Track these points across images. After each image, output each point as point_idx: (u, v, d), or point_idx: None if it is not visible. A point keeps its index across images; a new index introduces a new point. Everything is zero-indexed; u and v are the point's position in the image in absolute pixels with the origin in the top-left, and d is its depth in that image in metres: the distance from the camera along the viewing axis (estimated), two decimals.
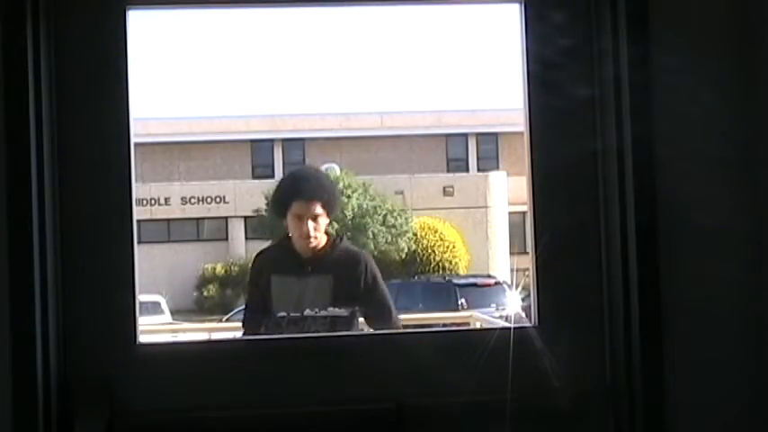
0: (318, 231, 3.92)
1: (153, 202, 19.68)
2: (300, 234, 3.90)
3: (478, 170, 23.32)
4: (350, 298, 3.90)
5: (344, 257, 4.01)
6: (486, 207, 22.09)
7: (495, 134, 23.25)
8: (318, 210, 3.91)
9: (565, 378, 1.96)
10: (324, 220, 3.94)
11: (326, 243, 3.97)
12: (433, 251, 21.14)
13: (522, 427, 1.93)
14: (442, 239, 21.28)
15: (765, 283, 1.96)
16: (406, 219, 20.95)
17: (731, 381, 1.98)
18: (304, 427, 1.96)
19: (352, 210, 20.67)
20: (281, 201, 4.00)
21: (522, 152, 2.07)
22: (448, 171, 23.31)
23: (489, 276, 18.38)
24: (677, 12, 1.98)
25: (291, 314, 3.86)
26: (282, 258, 3.99)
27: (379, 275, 4.05)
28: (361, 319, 3.98)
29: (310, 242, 3.89)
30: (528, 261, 2.05)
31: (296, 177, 4.29)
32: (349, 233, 20.73)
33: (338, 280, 3.92)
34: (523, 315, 2.13)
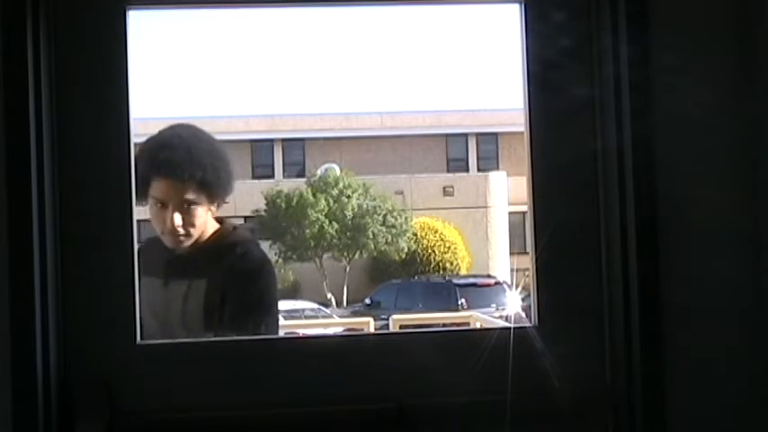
0: (191, 226, 2.68)
1: None
2: (163, 227, 2.68)
3: (478, 170, 23.35)
4: (230, 317, 2.64)
5: (225, 252, 2.73)
6: (486, 207, 22.11)
7: (495, 134, 23.28)
8: (192, 193, 2.67)
9: (565, 378, 1.96)
10: (201, 210, 2.70)
11: (212, 235, 2.75)
12: (434, 251, 21.17)
13: (522, 427, 1.93)
14: (442, 240, 21.31)
15: (765, 282, 1.96)
16: (405, 219, 20.97)
17: (731, 381, 1.98)
18: (304, 427, 1.96)
19: (352, 210, 20.68)
20: (137, 176, 2.42)
21: (522, 152, 2.07)
22: (448, 171, 23.34)
23: (489, 276, 18.42)
24: (677, 12, 1.98)
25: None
26: (152, 253, 2.68)
27: (271, 293, 2.75)
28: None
29: (178, 240, 2.69)
30: (528, 261, 2.05)
31: (159, 143, 2.73)
32: (349, 233, 20.76)
33: (214, 286, 2.68)
34: (523, 315, 2.13)
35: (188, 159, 2.68)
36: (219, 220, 2.80)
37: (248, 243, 2.82)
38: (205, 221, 2.73)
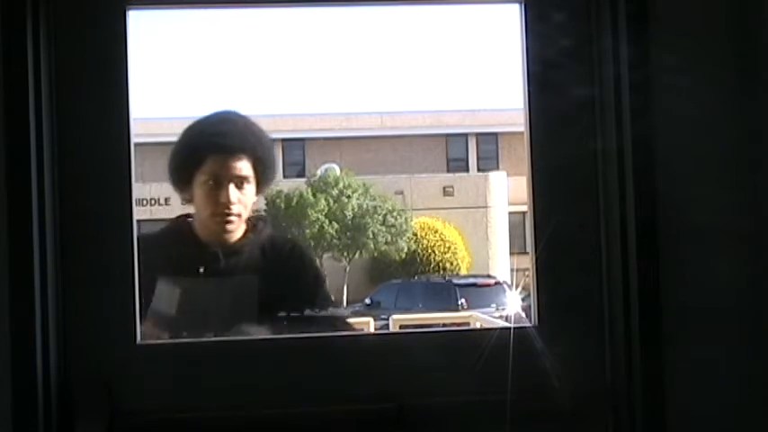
0: (243, 205, 2.58)
1: (153, 202, 19.65)
2: (215, 207, 2.56)
3: (478, 170, 23.32)
4: (287, 308, 2.60)
5: (273, 248, 2.70)
6: (486, 207, 22.09)
7: (495, 134, 23.26)
8: (247, 170, 2.59)
9: (565, 378, 1.96)
10: (251, 191, 2.61)
11: (246, 229, 2.65)
12: (434, 251, 21.14)
13: (522, 427, 1.93)
14: (442, 240, 21.29)
15: (765, 282, 1.96)
16: (405, 219, 20.95)
17: (731, 381, 1.98)
18: (304, 427, 1.96)
19: (352, 210, 20.67)
20: (186, 156, 2.61)
21: (522, 152, 2.07)
22: (448, 171, 23.32)
23: (489, 276, 18.39)
24: (677, 12, 1.98)
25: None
26: (177, 250, 2.58)
27: (320, 272, 2.88)
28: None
29: (229, 221, 2.57)
30: (528, 261, 2.05)
31: (213, 121, 2.72)
32: (349, 233, 20.75)
33: (268, 282, 2.62)
34: (523, 315, 2.13)
35: (247, 132, 2.66)
36: None
37: (283, 234, 2.87)
38: (249, 212, 2.66)
